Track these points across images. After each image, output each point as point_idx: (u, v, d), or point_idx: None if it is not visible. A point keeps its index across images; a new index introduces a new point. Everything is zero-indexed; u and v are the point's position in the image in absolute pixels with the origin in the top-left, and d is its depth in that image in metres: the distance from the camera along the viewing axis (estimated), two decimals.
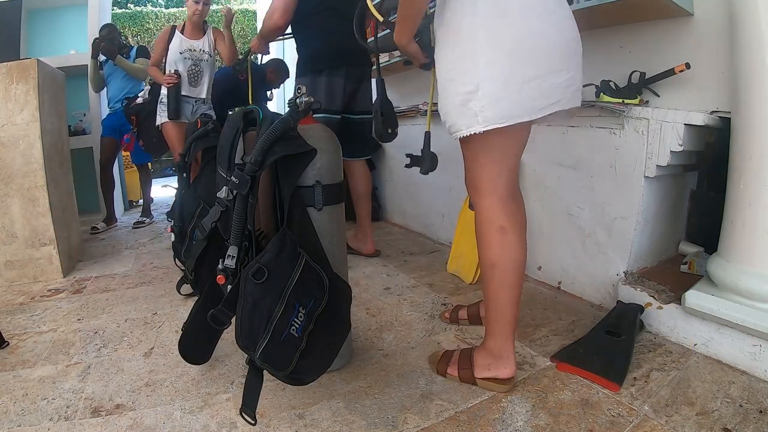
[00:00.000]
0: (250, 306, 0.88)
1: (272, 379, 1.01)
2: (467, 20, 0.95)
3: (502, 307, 1.09)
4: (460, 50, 0.97)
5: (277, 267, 0.91)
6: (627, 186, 1.46)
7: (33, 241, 2.03)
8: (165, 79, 2.54)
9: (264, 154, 0.91)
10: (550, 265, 1.77)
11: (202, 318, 1.08)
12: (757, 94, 1.12)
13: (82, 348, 1.40)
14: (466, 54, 0.96)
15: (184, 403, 1.10)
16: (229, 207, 0.97)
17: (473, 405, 1.06)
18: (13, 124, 1.97)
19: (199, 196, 1.56)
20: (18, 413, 1.08)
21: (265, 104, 3.20)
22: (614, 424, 0.96)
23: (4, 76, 1.96)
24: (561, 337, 1.36)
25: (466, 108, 0.98)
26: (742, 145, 1.18)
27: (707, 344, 1.22)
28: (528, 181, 1.82)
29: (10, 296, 1.88)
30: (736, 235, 1.20)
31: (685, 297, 1.23)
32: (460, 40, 0.97)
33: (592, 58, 1.79)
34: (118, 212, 3.54)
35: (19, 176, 1.98)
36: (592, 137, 1.56)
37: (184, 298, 1.77)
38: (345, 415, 1.03)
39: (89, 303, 1.78)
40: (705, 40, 1.47)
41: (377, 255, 2.23)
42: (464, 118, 0.99)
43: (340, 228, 1.18)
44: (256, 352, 0.87)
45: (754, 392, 1.05)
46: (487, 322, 1.14)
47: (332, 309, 0.98)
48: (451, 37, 0.99)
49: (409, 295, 1.72)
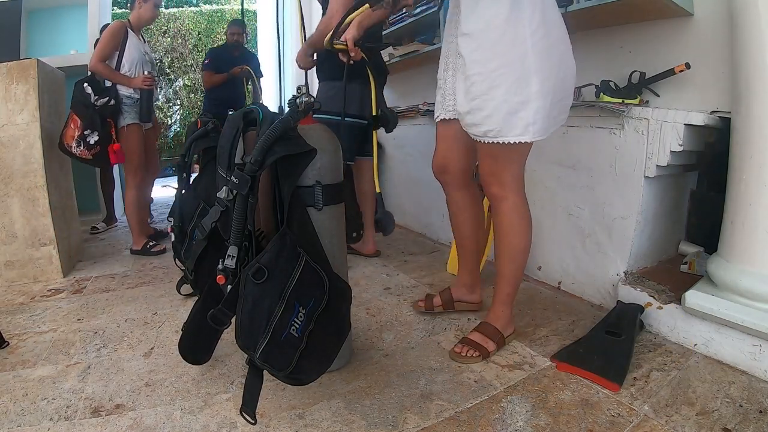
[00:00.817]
0: (250, 306, 0.88)
1: (272, 379, 1.01)
2: (520, 34, 1.05)
3: (518, 283, 1.32)
4: (507, 60, 1.07)
5: (277, 267, 0.91)
6: (627, 186, 1.46)
7: (33, 241, 2.02)
8: (143, 80, 2.36)
9: (264, 154, 0.91)
10: (550, 265, 1.77)
11: (201, 318, 1.09)
12: (757, 94, 1.12)
13: (82, 348, 1.40)
14: (516, 66, 1.07)
15: (184, 403, 1.10)
16: (229, 207, 0.97)
17: (473, 405, 1.06)
18: (13, 124, 1.97)
19: (199, 196, 1.56)
20: (18, 413, 1.08)
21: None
22: (614, 424, 0.96)
23: (4, 76, 1.96)
24: (561, 337, 1.36)
25: (516, 117, 1.09)
26: (742, 145, 1.18)
27: (707, 344, 1.22)
28: (528, 181, 1.81)
29: (10, 296, 1.88)
30: (736, 235, 1.20)
31: (685, 297, 1.23)
32: (510, 52, 1.07)
33: (592, 58, 1.81)
34: (118, 212, 3.53)
35: (19, 176, 1.98)
36: (592, 137, 1.56)
37: (184, 298, 1.77)
38: (345, 415, 1.03)
39: (89, 303, 1.78)
40: (705, 40, 1.47)
41: (377, 255, 2.23)
42: (513, 127, 1.10)
43: (340, 228, 1.18)
44: (256, 352, 0.87)
45: (754, 392, 1.05)
46: (503, 295, 1.31)
47: (332, 309, 0.98)
48: (499, 46, 1.07)
49: (409, 295, 1.72)
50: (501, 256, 1.29)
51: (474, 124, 1.16)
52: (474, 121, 1.15)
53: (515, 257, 1.27)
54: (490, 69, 1.09)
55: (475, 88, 1.12)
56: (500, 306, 1.32)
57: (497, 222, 1.27)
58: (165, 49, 6.87)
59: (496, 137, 1.13)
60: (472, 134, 1.19)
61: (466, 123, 1.19)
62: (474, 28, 1.11)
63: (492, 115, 1.11)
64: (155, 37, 6.77)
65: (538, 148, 1.74)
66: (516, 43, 1.06)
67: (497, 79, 1.08)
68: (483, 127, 1.13)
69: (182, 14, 7.15)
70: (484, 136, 1.15)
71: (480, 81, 1.11)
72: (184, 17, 7.09)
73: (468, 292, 1.53)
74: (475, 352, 1.24)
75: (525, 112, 1.09)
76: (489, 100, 1.10)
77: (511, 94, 1.08)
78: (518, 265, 1.28)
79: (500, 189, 1.23)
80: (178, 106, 7.25)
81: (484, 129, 1.13)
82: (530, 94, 1.07)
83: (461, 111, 1.19)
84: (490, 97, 1.10)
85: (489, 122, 1.12)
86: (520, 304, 1.61)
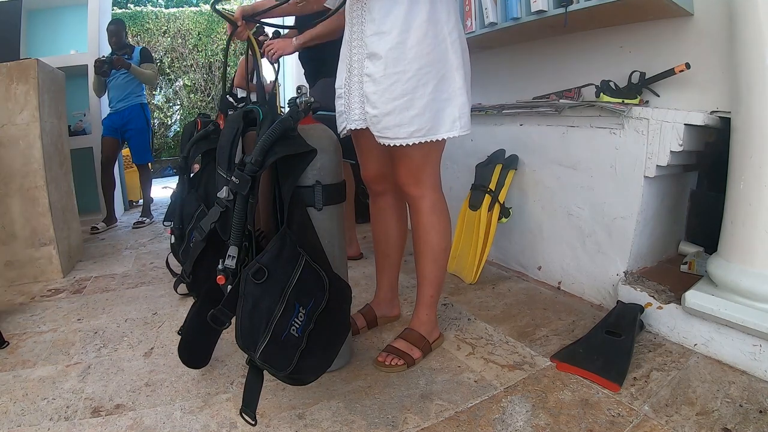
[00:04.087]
0: (250, 306, 0.88)
1: (272, 379, 1.01)
2: (440, 32, 1.08)
3: (442, 284, 1.30)
4: (432, 58, 1.08)
5: (277, 267, 0.91)
6: (627, 186, 1.46)
7: (33, 241, 2.02)
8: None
9: (264, 155, 0.91)
10: (550, 265, 1.77)
11: (199, 322, 1.08)
12: (757, 94, 1.12)
13: (82, 348, 1.40)
14: (440, 64, 1.09)
15: (184, 403, 1.10)
16: (229, 207, 0.97)
17: (473, 405, 1.06)
18: (13, 124, 1.97)
19: (199, 197, 1.55)
20: (18, 413, 1.08)
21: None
22: (614, 424, 0.96)
23: (4, 76, 1.96)
24: (561, 337, 1.36)
25: (444, 114, 1.12)
26: (742, 145, 1.18)
27: (707, 344, 1.22)
28: (528, 181, 1.82)
29: (10, 296, 1.88)
30: (736, 235, 1.20)
31: (685, 297, 1.23)
32: (435, 50, 1.08)
33: (592, 58, 1.81)
34: (118, 212, 3.53)
35: (19, 176, 1.98)
36: (592, 137, 1.56)
37: (184, 298, 1.77)
38: (345, 415, 1.03)
39: (89, 303, 1.78)
40: (705, 40, 1.47)
41: (360, 258, 2.19)
42: (442, 123, 1.12)
43: (340, 228, 1.18)
44: (256, 352, 0.87)
45: (754, 392, 1.05)
46: (426, 297, 1.28)
47: (332, 309, 0.98)
48: (423, 45, 1.07)
49: (409, 295, 1.72)
50: (422, 257, 1.25)
51: (398, 125, 1.10)
52: (398, 121, 1.10)
53: (437, 257, 1.24)
54: (416, 67, 1.07)
55: (397, 87, 1.08)
56: (424, 309, 1.28)
57: (416, 222, 1.24)
58: (165, 49, 6.86)
59: (425, 136, 1.11)
60: (390, 137, 1.12)
61: (384, 125, 1.12)
62: (392, 27, 1.07)
63: (422, 113, 1.09)
64: (155, 37, 6.77)
65: (537, 148, 1.75)
66: (438, 41, 1.08)
67: (424, 77, 1.07)
68: (410, 126, 1.09)
69: (182, 14, 7.15)
70: (409, 136, 1.10)
71: (405, 79, 1.07)
72: (184, 17, 7.08)
73: (389, 308, 1.47)
74: (400, 360, 1.20)
75: (451, 108, 1.11)
76: (418, 98, 1.08)
77: (438, 91, 1.09)
78: (440, 265, 1.26)
79: (418, 189, 1.21)
80: (178, 106, 7.25)
81: (412, 129, 1.10)
82: (455, 90, 1.11)
83: (377, 113, 1.12)
84: (419, 95, 1.08)
85: (418, 121, 1.09)
86: (520, 304, 1.61)
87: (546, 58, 1.98)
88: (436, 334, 1.31)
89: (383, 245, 1.41)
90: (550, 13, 1.62)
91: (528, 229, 1.85)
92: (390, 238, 1.39)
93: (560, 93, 1.78)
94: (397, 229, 1.39)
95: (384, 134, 1.13)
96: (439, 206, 1.23)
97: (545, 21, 1.67)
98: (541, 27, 1.77)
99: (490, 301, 1.65)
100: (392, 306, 1.49)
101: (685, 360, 1.20)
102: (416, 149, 1.14)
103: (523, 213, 1.85)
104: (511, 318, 1.50)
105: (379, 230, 1.41)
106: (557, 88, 1.82)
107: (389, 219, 1.38)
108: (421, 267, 1.27)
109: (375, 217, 1.41)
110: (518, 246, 1.91)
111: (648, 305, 1.36)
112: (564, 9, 1.56)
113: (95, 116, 3.52)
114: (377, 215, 1.40)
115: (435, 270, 1.26)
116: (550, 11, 1.62)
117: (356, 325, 1.41)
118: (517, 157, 1.84)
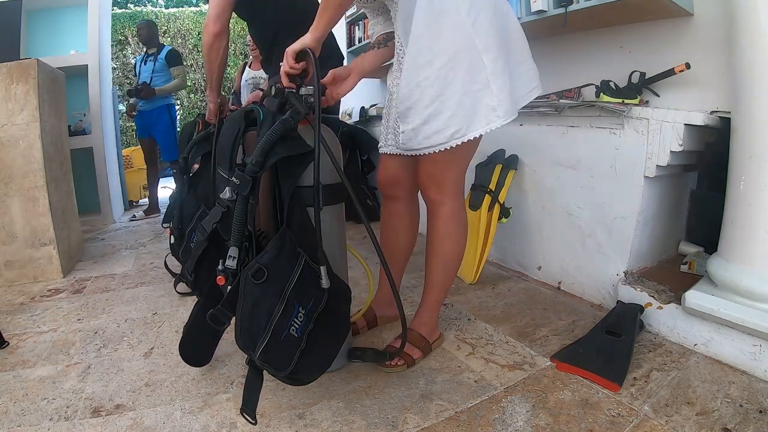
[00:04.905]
0: (249, 306, 0.88)
1: (272, 379, 1.01)
2: (458, 21, 1.00)
3: (448, 290, 1.30)
4: (454, 50, 1.01)
5: (277, 267, 0.91)
6: (627, 186, 1.46)
7: (33, 241, 2.02)
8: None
9: (265, 155, 0.91)
10: (550, 265, 1.77)
11: (203, 320, 1.08)
12: (757, 94, 1.12)
13: (82, 348, 1.40)
14: (464, 53, 1.00)
15: (184, 403, 1.10)
16: (231, 208, 0.97)
17: (473, 405, 1.06)
18: (13, 124, 1.97)
19: (199, 198, 1.55)
20: (18, 413, 1.08)
21: None
22: (614, 424, 0.96)
23: (4, 76, 1.96)
24: (561, 337, 1.36)
25: (481, 105, 1.02)
26: (742, 145, 1.18)
27: (707, 344, 1.22)
28: (528, 181, 1.82)
29: (10, 296, 1.88)
30: (736, 235, 1.20)
31: (685, 297, 1.23)
32: (457, 40, 1.01)
33: (592, 58, 1.81)
34: (117, 212, 3.56)
35: (19, 176, 1.98)
36: (592, 137, 1.56)
37: (184, 298, 1.77)
38: (345, 415, 1.03)
39: (89, 303, 1.78)
40: (705, 40, 1.47)
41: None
42: (480, 117, 1.03)
43: (340, 228, 1.18)
44: (256, 352, 0.87)
45: (754, 392, 1.05)
46: (431, 301, 1.28)
47: (332, 309, 0.98)
48: (443, 40, 1.01)
49: (409, 295, 1.72)
50: (433, 263, 1.24)
51: (436, 132, 1.04)
52: (435, 128, 1.04)
53: (448, 264, 1.23)
54: (437, 67, 1.00)
55: (426, 95, 1.03)
56: (427, 312, 1.28)
57: (432, 226, 1.21)
58: None
59: (465, 135, 1.03)
60: (428, 145, 1.07)
61: (424, 135, 1.06)
62: (407, 42, 1.04)
63: (456, 113, 1.02)
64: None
65: (537, 148, 1.75)
66: (455, 32, 1.00)
67: (448, 75, 1.00)
68: (448, 130, 1.03)
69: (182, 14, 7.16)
70: (450, 140, 1.04)
71: (429, 85, 1.02)
72: (184, 17, 7.09)
73: (389, 308, 1.45)
74: (400, 360, 1.19)
75: (489, 96, 1.02)
76: (446, 99, 1.01)
77: (468, 83, 1.01)
78: (450, 272, 1.24)
79: (438, 193, 1.17)
80: (177, 106, 7.26)
81: (451, 132, 1.03)
82: (487, 76, 1.00)
83: (413, 127, 1.07)
84: (448, 96, 1.01)
85: (454, 122, 1.02)
86: (521, 304, 1.61)
87: (546, 58, 1.98)
88: (436, 335, 1.31)
89: (390, 248, 1.38)
90: (550, 13, 1.62)
91: (528, 229, 1.85)
92: (398, 242, 1.38)
93: (560, 93, 1.78)
94: (406, 236, 1.38)
95: (423, 144, 1.08)
96: (458, 215, 1.20)
97: (545, 21, 1.67)
98: (541, 27, 1.77)
99: (490, 301, 1.65)
100: (392, 306, 1.48)
101: (685, 360, 1.20)
102: (447, 151, 1.08)
103: (523, 213, 1.85)
104: (511, 318, 1.50)
105: (389, 233, 1.39)
106: (557, 88, 1.82)
107: (399, 225, 1.37)
108: (431, 271, 1.25)
109: (385, 219, 1.39)
110: (518, 246, 1.91)
111: (648, 305, 1.36)
112: (564, 9, 1.56)
113: (95, 116, 3.52)
114: (388, 218, 1.38)
115: (444, 276, 1.25)
116: (550, 11, 1.62)
117: (356, 325, 1.41)
118: (517, 157, 1.84)
